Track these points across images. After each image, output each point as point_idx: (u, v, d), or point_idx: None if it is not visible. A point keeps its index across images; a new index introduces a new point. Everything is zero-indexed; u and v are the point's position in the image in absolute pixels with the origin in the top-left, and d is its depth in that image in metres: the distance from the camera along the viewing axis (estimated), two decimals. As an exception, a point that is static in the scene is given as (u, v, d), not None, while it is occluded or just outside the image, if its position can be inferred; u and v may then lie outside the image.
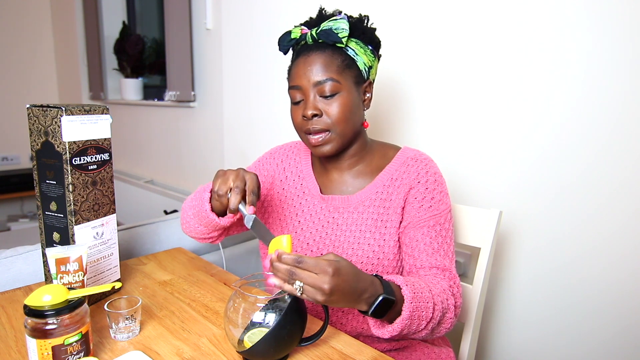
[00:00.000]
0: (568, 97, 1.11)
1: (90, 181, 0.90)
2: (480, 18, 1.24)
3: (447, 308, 0.83)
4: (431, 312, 0.79)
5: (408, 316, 0.75)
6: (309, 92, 0.90)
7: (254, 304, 0.76)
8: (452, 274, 0.89)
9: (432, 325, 0.81)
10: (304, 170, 1.05)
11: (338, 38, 0.87)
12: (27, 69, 3.76)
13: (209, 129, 2.36)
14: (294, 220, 1.01)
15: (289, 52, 0.97)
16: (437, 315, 0.80)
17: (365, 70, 0.93)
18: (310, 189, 1.02)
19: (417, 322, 0.78)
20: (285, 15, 1.78)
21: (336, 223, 0.97)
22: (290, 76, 0.94)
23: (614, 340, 1.11)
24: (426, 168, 0.94)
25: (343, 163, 0.99)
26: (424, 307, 0.78)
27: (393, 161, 0.97)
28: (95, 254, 0.93)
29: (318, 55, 0.89)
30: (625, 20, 1.01)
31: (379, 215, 0.94)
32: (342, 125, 0.90)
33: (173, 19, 2.40)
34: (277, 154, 1.10)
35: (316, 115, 0.89)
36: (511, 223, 1.24)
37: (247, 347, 0.71)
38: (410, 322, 0.76)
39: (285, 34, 0.94)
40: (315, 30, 0.89)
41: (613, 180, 1.06)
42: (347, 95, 0.89)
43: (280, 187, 1.06)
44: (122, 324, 0.80)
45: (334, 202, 0.98)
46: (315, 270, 0.68)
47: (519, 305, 1.27)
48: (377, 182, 0.96)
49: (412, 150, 0.99)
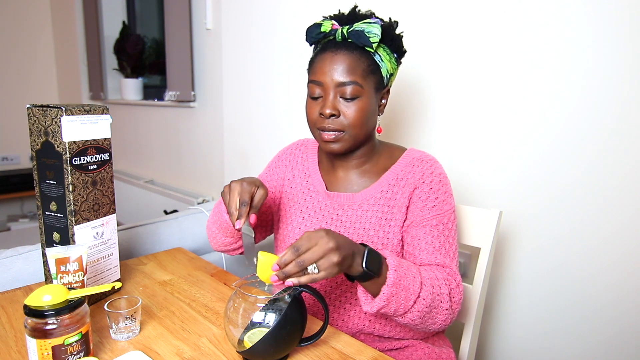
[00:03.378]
0: (568, 97, 1.11)
1: (90, 181, 0.90)
2: (479, 20, 1.24)
3: (440, 295, 0.82)
4: (418, 288, 0.79)
5: (393, 283, 0.76)
6: (330, 90, 0.89)
7: (254, 304, 0.76)
8: (452, 271, 0.89)
9: (421, 307, 0.80)
10: (310, 167, 1.06)
11: (369, 42, 0.86)
12: (27, 69, 3.76)
13: (209, 129, 2.36)
14: (299, 217, 1.02)
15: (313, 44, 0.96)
16: (427, 296, 0.80)
17: (387, 77, 0.93)
18: (316, 185, 1.03)
19: (404, 294, 0.77)
20: (286, 16, 1.78)
21: (340, 220, 0.97)
22: (312, 69, 0.93)
23: (614, 340, 1.11)
24: (431, 169, 0.95)
25: (350, 162, 0.99)
26: (410, 279, 0.78)
27: (399, 161, 0.98)
28: (95, 254, 0.93)
29: (346, 55, 0.88)
30: (625, 21, 1.01)
31: (383, 213, 0.94)
32: (357, 130, 0.90)
33: (173, 19, 2.40)
34: (284, 156, 1.12)
35: (334, 115, 0.89)
36: (511, 223, 1.24)
37: (247, 347, 0.71)
38: (396, 290, 0.76)
39: (314, 26, 0.91)
40: (347, 28, 0.88)
41: (613, 180, 1.06)
42: (367, 101, 0.89)
43: (288, 185, 1.07)
44: (122, 324, 0.80)
45: (339, 199, 0.98)
46: (312, 243, 0.70)
47: (519, 305, 1.27)
48: (382, 181, 0.96)
49: (418, 151, 0.99)
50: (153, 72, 3.07)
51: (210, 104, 2.32)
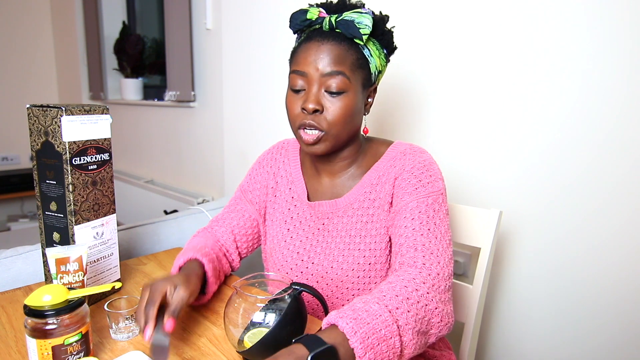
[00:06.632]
0: (568, 97, 1.11)
1: (90, 181, 0.90)
2: (478, 20, 1.24)
3: (420, 303, 0.68)
4: (392, 322, 0.63)
5: (363, 349, 0.59)
6: (314, 82, 0.82)
7: (254, 304, 0.76)
8: (430, 258, 0.74)
9: (410, 334, 0.65)
10: (293, 173, 1.00)
11: (359, 33, 0.80)
12: (27, 69, 3.76)
13: (209, 129, 2.36)
14: (284, 228, 0.98)
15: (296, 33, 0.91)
16: (407, 320, 0.65)
17: (375, 74, 0.87)
18: (299, 194, 0.97)
19: (384, 344, 0.61)
20: (286, 15, 1.78)
21: (326, 230, 0.93)
22: (295, 59, 0.86)
23: (614, 340, 1.11)
24: (414, 156, 0.86)
25: (334, 166, 0.94)
26: (379, 324, 0.62)
27: (382, 158, 0.91)
28: (95, 254, 0.93)
29: (334, 45, 0.81)
30: (625, 21, 1.01)
31: (367, 216, 0.88)
32: (339, 128, 0.83)
33: (173, 19, 2.40)
34: (265, 161, 1.06)
35: (317, 111, 0.82)
36: (511, 223, 1.24)
37: (247, 347, 0.71)
38: (374, 353, 0.60)
39: (299, 12, 0.86)
40: (336, 17, 0.81)
41: (613, 180, 1.06)
42: (353, 97, 0.83)
43: (272, 194, 1.03)
44: (122, 324, 0.80)
45: (322, 207, 0.93)
46: None
47: (519, 305, 1.27)
48: (364, 181, 0.90)
49: (404, 144, 0.92)
50: (153, 72, 3.07)
51: (210, 104, 2.32)
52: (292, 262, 0.95)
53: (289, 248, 0.96)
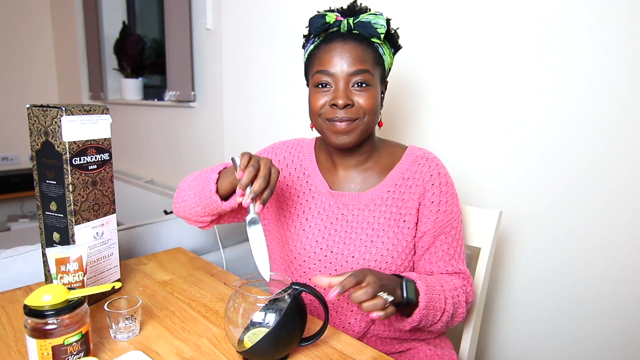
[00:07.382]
0: (568, 97, 1.11)
1: (90, 181, 0.90)
2: (480, 20, 1.24)
3: (459, 303, 0.90)
4: (443, 304, 0.86)
5: (424, 306, 0.82)
6: (341, 80, 0.88)
7: (254, 304, 0.76)
8: (466, 275, 0.96)
9: (446, 318, 0.87)
10: (309, 167, 1.03)
11: (377, 33, 0.87)
12: (27, 69, 3.76)
13: (209, 129, 2.36)
14: (301, 218, 1.00)
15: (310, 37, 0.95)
16: (450, 308, 0.87)
17: (387, 71, 0.95)
18: (317, 186, 1.01)
19: (433, 312, 0.84)
20: (286, 15, 1.78)
21: (346, 220, 0.96)
22: (318, 60, 0.91)
23: (614, 340, 1.11)
24: (437, 169, 0.97)
25: (351, 160, 0.99)
26: (437, 298, 0.84)
27: (403, 160, 0.98)
28: (95, 254, 0.93)
29: (356, 45, 0.88)
30: (625, 21, 1.01)
31: (392, 214, 0.95)
32: (371, 117, 0.90)
33: (173, 19, 2.40)
34: (279, 149, 1.08)
35: (348, 105, 0.88)
36: (511, 223, 1.24)
37: (247, 347, 0.71)
38: (427, 312, 0.83)
39: (318, 16, 0.91)
40: (353, 19, 0.88)
41: (613, 180, 1.06)
42: (376, 90, 0.91)
43: (284, 183, 1.05)
44: (122, 324, 0.80)
45: (344, 198, 0.98)
46: (360, 279, 0.74)
47: (519, 305, 1.27)
48: (388, 180, 0.96)
49: (418, 148, 1.00)
50: (153, 72, 3.07)
51: (210, 104, 2.32)
52: (311, 250, 0.97)
53: (307, 237, 0.98)
